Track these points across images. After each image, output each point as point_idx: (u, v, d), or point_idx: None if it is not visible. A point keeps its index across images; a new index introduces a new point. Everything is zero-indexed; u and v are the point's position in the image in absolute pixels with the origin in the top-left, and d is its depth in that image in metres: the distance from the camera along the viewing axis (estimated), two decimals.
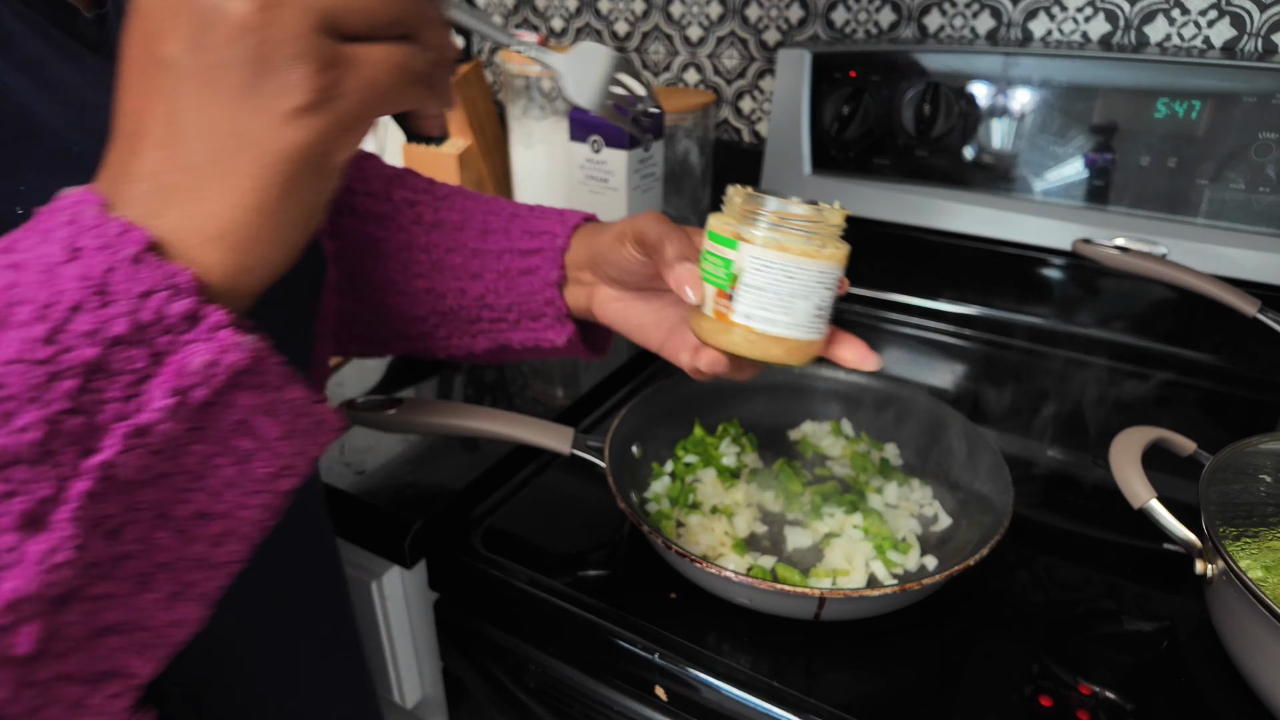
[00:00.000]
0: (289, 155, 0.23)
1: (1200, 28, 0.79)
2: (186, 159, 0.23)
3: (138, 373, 0.22)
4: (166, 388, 0.22)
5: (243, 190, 0.23)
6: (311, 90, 0.23)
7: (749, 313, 0.40)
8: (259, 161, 0.23)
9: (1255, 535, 0.47)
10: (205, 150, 0.23)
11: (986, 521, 0.54)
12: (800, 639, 0.50)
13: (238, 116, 0.23)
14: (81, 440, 0.22)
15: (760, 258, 0.38)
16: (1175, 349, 0.81)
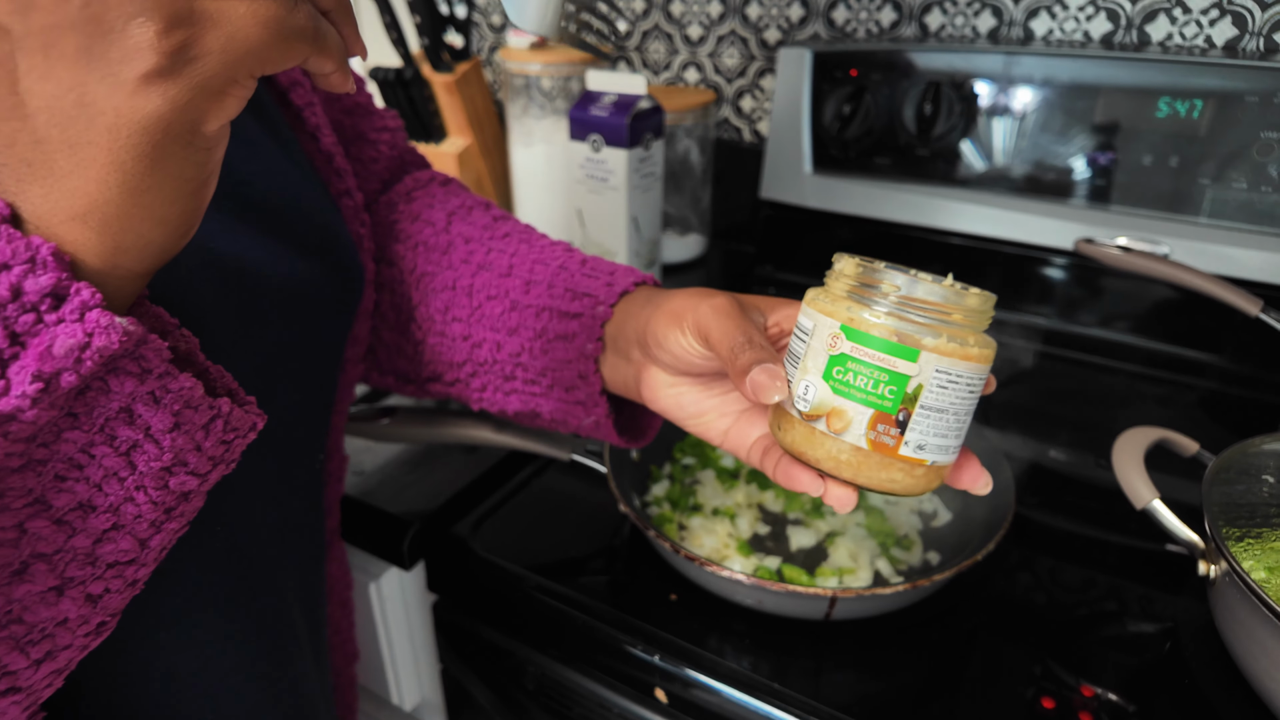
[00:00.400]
0: (145, 126, 0.21)
1: (1202, 27, 0.79)
2: (37, 131, 0.21)
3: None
4: (29, 372, 0.21)
5: (100, 165, 0.21)
6: (160, 53, 0.20)
7: (923, 443, 0.31)
8: (113, 133, 0.21)
9: (1258, 536, 0.46)
10: (52, 122, 0.20)
11: (988, 515, 0.54)
12: (802, 639, 0.50)
13: (82, 85, 0.20)
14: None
15: (949, 371, 0.30)
16: (1178, 349, 0.80)
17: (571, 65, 0.98)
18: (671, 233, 1.03)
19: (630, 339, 0.43)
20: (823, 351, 0.32)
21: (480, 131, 1.07)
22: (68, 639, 0.24)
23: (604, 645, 0.52)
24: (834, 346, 0.31)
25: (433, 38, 0.98)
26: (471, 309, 0.49)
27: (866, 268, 0.32)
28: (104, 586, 0.24)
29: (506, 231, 0.51)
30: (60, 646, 0.24)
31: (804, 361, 0.33)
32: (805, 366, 0.32)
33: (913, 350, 0.30)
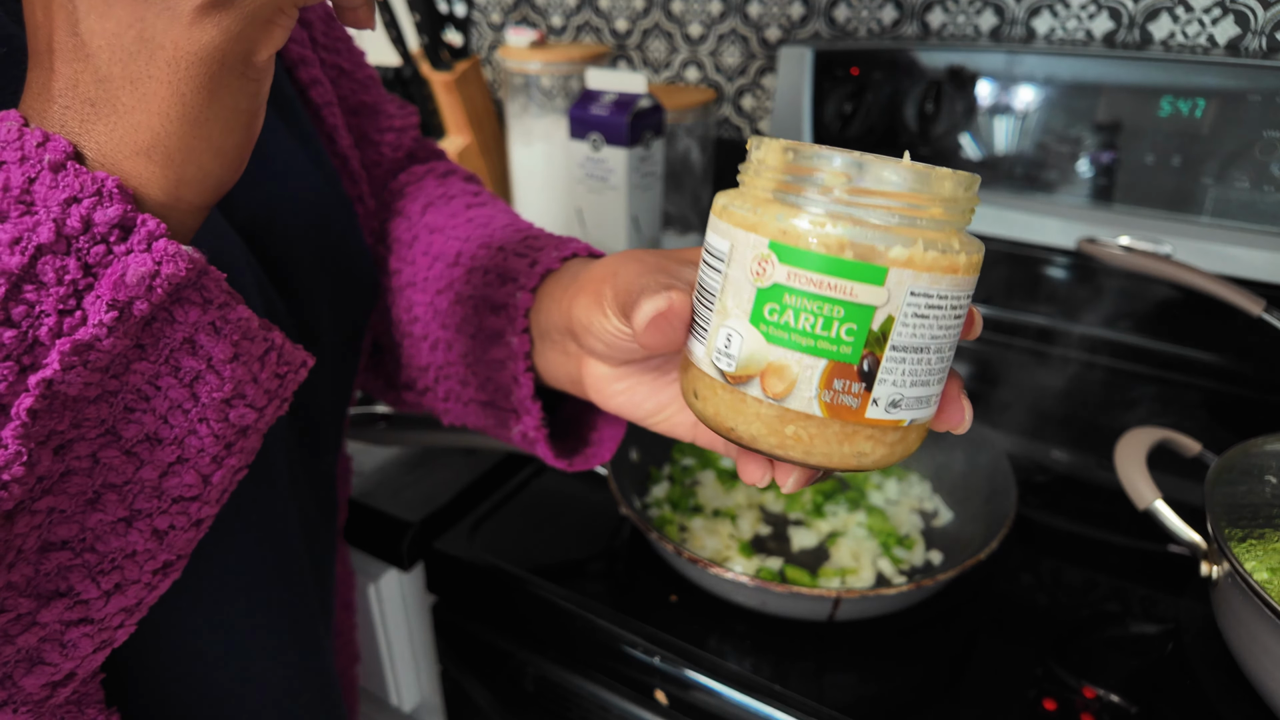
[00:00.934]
0: (204, 57, 0.22)
1: (1204, 25, 0.79)
2: (100, 70, 0.21)
3: (72, 285, 0.21)
4: (104, 301, 0.21)
5: (162, 98, 0.22)
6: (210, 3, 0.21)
7: (897, 397, 0.23)
8: (173, 66, 0.21)
9: (1261, 537, 0.46)
10: (114, 60, 0.21)
11: (990, 513, 0.54)
12: (803, 640, 0.50)
13: (141, 20, 0.21)
14: (20, 356, 0.21)
15: (929, 292, 0.22)
16: (1180, 349, 0.80)
17: (571, 64, 0.98)
18: (672, 232, 1.02)
19: (560, 328, 0.36)
20: (747, 284, 0.22)
21: (480, 130, 1.07)
22: (135, 573, 0.25)
23: (604, 647, 0.52)
24: (763, 275, 0.22)
25: (432, 36, 0.98)
26: (426, 305, 0.44)
27: (798, 152, 0.22)
28: (169, 522, 0.25)
29: (471, 216, 0.46)
30: (129, 580, 0.25)
31: (721, 300, 0.23)
32: (724, 307, 0.23)
33: (878, 268, 0.21)
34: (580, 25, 1.14)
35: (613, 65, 1.12)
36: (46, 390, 0.21)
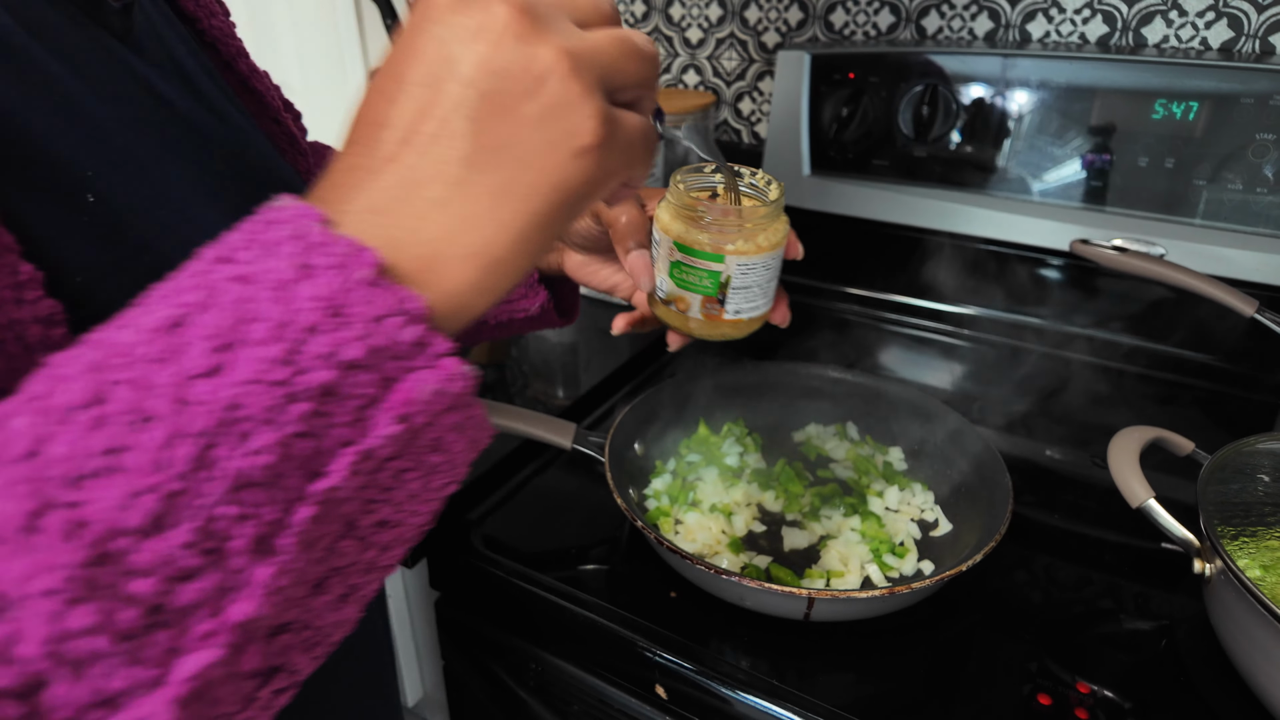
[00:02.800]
0: (566, 187, 0.24)
1: (1198, 29, 0.79)
2: (462, 175, 0.23)
3: (366, 398, 0.22)
4: (393, 414, 0.22)
5: (510, 213, 0.24)
6: (597, 134, 0.24)
7: (739, 309, 0.43)
8: (534, 189, 0.24)
9: (1253, 534, 0.47)
10: (484, 170, 0.23)
11: (984, 528, 0.54)
12: (802, 639, 0.51)
13: (528, 143, 0.23)
14: (309, 464, 0.21)
15: (747, 262, 0.41)
16: (1173, 349, 0.81)
17: None
18: None
19: None
20: (666, 258, 0.43)
21: None
22: (339, 636, 0.25)
23: (605, 642, 0.52)
24: (673, 255, 0.42)
25: None
26: None
27: (688, 201, 0.41)
28: (374, 588, 0.26)
29: None
30: (331, 643, 0.25)
31: (658, 263, 0.44)
32: (659, 266, 0.44)
33: (721, 255, 0.41)
34: None
35: None
36: (327, 497, 0.22)
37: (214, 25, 0.44)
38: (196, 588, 0.20)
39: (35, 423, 0.20)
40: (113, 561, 0.19)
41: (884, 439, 0.68)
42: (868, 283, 0.94)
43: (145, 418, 0.20)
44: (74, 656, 0.19)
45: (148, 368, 0.20)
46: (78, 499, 0.19)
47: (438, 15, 0.24)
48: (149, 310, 0.21)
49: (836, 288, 0.96)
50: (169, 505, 0.20)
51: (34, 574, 0.19)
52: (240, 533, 0.21)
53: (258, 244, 0.22)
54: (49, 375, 0.21)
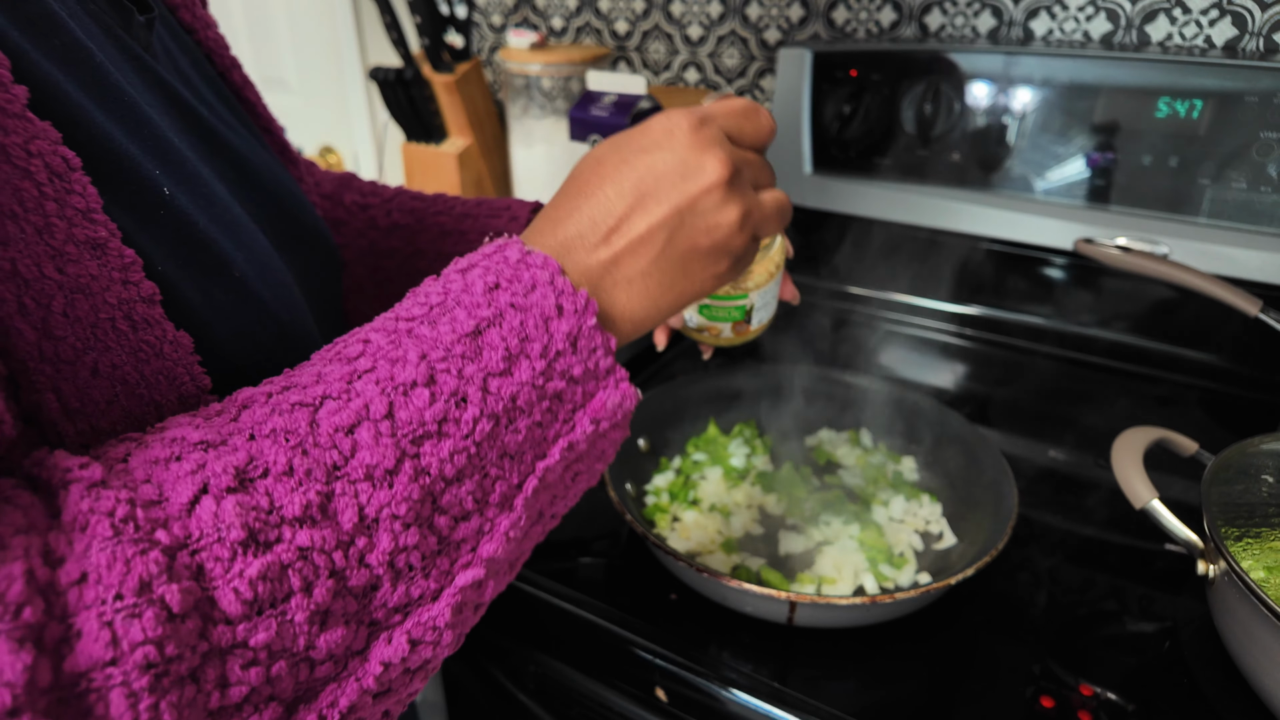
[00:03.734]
0: (703, 293, 0.35)
1: (1202, 27, 0.79)
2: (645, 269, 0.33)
3: (576, 404, 0.31)
4: (590, 417, 0.31)
5: (669, 302, 0.34)
6: (734, 267, 0.35)
7: (760, 319, 0.50)
8: (689, 292, 0.34)
9: (1257, 536, 0.46)
10: (663, 271, 0.33)
11: (985, 543, 0.53)
12: (802, 643, 0.50)
13: (696, 264, 0.34)
14: (538, 447, 0.30)
15: (766, 289, 0.49)
16: (1177, 349, 0.80)
17: (572, 65, 0.98)
18: None
19: None
20: None
21: (481, 131, 1.07)
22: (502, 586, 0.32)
23: (604, 645, 0.52)
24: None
25: (433, 38, 0.98)
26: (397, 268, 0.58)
27: None
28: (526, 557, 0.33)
29: (392, 193, 0.61)
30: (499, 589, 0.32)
31: None
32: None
33: (744, 294, 0.48)
34: (581, 27, 1.14)
35: (613, 67, 1.12)
36: (544, 474, 0.30)
37: (210, 37, 0.44)
38: (468, 527, 0.28)
39: (386, 390, 0.27)
40: (432, 500, 0.27)
41: (897, 448, 0.68)
42: (868, 282, 0.94)
43: (462, 398, 0.28)
44: (399, 566, 0.26)
45: (462, 363, 0.28)
46: (419, 452, 0.27)
47: (675, 144, 0.33)
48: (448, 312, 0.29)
49: (838, 287, 0.95)
50: (469, 464, 0.28)
51: (389, 503, 0.26)
52: (497, 489, 0.29)
53: (520, 281, 0.30)
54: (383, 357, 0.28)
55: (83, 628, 0.21)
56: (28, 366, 0.24)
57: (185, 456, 0.24)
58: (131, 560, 0.22)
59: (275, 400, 0.27)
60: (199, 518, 0.23)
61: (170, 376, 0.28)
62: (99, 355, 0.26)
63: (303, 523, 0.24)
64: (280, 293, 0.36)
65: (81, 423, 0.26)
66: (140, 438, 0.26)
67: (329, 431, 0.26)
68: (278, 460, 0.25)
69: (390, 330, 0.29)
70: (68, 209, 0.25)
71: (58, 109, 0.27)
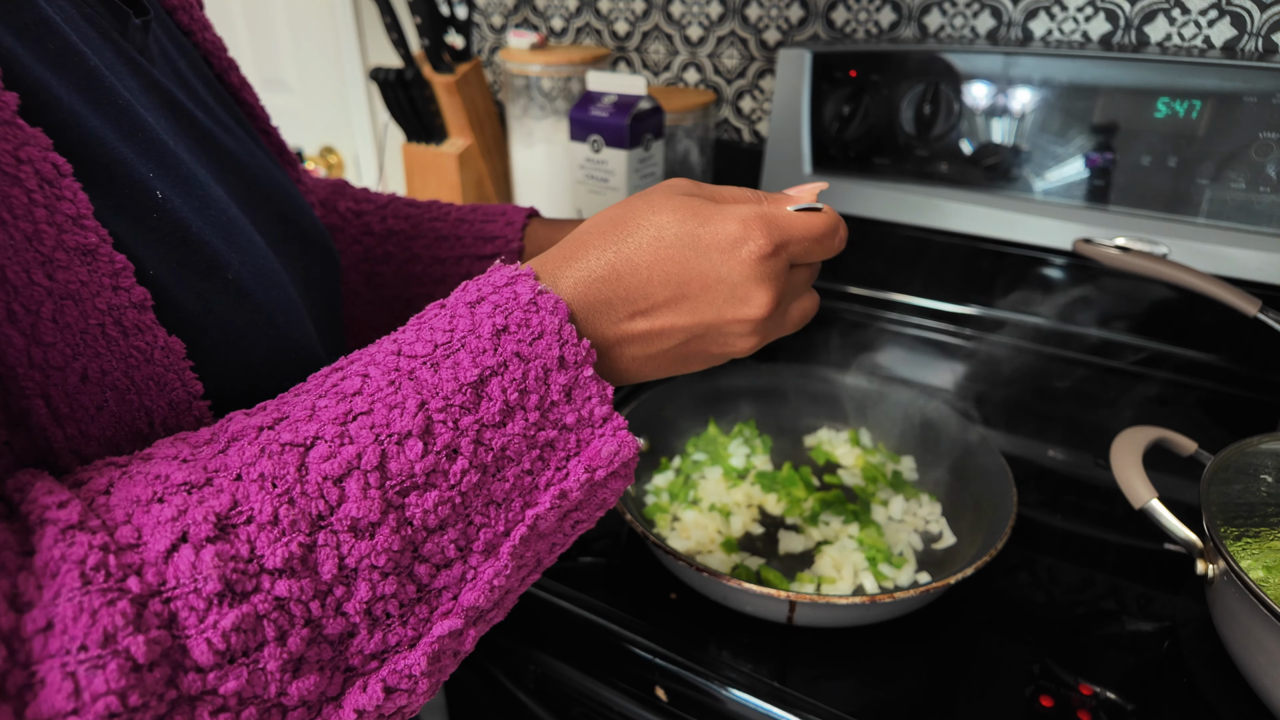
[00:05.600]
0: (718, 360, 0.36)
1: (1201, 27, 0.79)
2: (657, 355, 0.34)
3: (569, 452, 0.31)
4: (583, 465, 0.31)
5: (659, 375, 0.35)
6: (755, 348, 0.36)
7: None
8: (707, 359, 0.36)
9: (1256, 535, 0.47)
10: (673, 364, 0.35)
11: (984, 543, 0.53)
12: (801, 643, 0.50)
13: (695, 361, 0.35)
14: (527, 495, 0.30)
15: None
16: (1176, 349, 0.81)
17: (572, 66, 0.98)
18: None
19: None
20: None
21: (481, 132, 1.07)
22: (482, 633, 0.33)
23: (604, 644, 0.52)
24: None
25: (433, 39, 0.98)
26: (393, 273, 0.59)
27: None
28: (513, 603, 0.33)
29: (385, 200, 0.62)
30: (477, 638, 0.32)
31: None
32: None
33: None
34: (580, 28, 1.14)
35: (613, 67, 1.13)
36: (534, 523, 0.30)
37: (208, 39, 0.44)
38: (449, 574, 0.28)
39: (381, 439, 0.27)
40: (413, 549, 0.27)
41: (897, 448, 0.68)
42: (869, 282, 0.94)
43: (454, 451, 0.28)
44: (376, 614, 0.26)
45: (460, 414, 0.28)
46: (404, 503, 0.27)
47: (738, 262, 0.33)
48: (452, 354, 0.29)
49: (837, 287, 0.95)
50: (453, 513, 0.28)
51: (369, 554, 0.26)
52: (481, 537, 0.29)
53: (528, 327, 0.30)
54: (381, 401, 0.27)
55: (45, 676, 0.21)
56: (16, 373, 0.24)
57: (168, 499, 0.24)
58: (98, 612, 0.21)
59: (265, 438, 0.26)
60: (175, 566, 0.23)
61: (161, 382, 0.28)
62: (88, 361, 0.26)
63: (282, 574, 0.24)
64: (276, 295, 0.36)
65: (71, 428, 0.26)
66: (125, 465, 0.26)
67: (317, 480, 0.25)
68: (263, 509, 0.25)
69: (391, 368, 0.29)
70: (57, 215, 0.25)
71: (50, 114, 0.27)
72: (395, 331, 0.31)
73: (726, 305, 0.33)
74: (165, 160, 0.32)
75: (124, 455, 0.27)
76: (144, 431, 0.28)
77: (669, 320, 0.33)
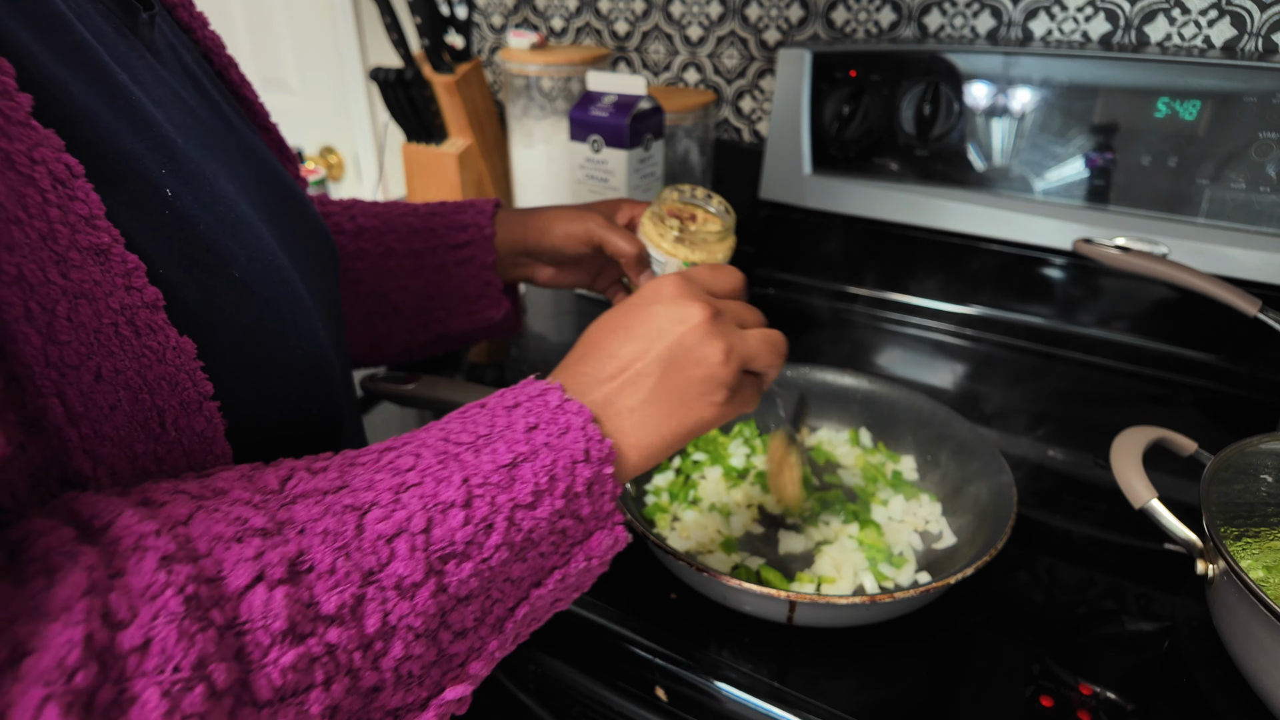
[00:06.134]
0: (703, 422, 0.39)
1: (1201, 27, 0.79)
2: (645, 398, 0.37)
3: (576, 540, 0.34)
4: (584, 554, 0.34)
5: (671, 430, 0.38)
6: (728, 397, 0.39)
7: None
8: (688, 419, 0.38)
9: (1256, 535, 0.47)
10: (661, 400, 0.37)
11: (985, 543, 0.53)
12: (800, 643, 0.50)
13: (689, 393, 0.38)
14: (535, 576, 0.33)
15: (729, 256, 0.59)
16: (1176, 349, 0.81)
17: (572, 66, 0.98)
18: None
19: (517, 250, 0.63)
20: (675, 266, 0.58)
21: (481, 132, 1.07)
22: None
23: (604, 644, 0.52)
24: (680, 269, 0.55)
25: (433, 39, 0.98)
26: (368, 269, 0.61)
27: (685, 230, 0.58)
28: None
29: (348, 202, 0.64)
30: None
31: (663, 270, 0.59)
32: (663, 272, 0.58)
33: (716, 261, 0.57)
34: (580, 28, 1.14)
35: (613, 67, 1.13)
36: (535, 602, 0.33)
37: (206, 35, 0.45)
38: (464, 644, 0.30)
39: (429, 507, 0.29)
40: (442, 615, 0.29)
41: (897, 447, 0.68)
42: (869, 282, 0.94)
43: (489, 525, 0.30)
44: (402, 673, 0.28)
45: (496, 491, 0.31)
46: (444, 569, 0.29)
47: (660, 301, 0.39)
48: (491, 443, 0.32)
49: (837, 287, 0.95)
50: (480, 586, 0.30)
51: (409, 614, 0.28)
52: (494, 612, 0.31)
53: (556, 424, 0.34)
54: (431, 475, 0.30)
55: (139, 694, 0.21)
56: (33, 370, 0.24)
57: (247, 540, 0.25)
58: (195, 636, 0.22)
59: (329, 500, 0.28)
60: (250, 603, 0.24)
61: (173, 382, 0.29)
62: (102, 360, 0.26)
63: (335, 621, 0.26)
64: (284, 292, 0.36)
65: (86, 427, 0.26)
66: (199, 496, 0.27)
67: (372, 538, 0.28)
68: (323, 559, 0.27)
69: (440, 451, 0.32)
70: (70, 215, 0.26)
71: (63, 111, 0.27)
72: (442, 421, 0.35)
73: (673, 325, 0.38)
74: (175, 157, 0.32)
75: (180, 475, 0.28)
76: (156, 431, 0.28)
77: (639, 362, 0.38)
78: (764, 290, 0.98)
